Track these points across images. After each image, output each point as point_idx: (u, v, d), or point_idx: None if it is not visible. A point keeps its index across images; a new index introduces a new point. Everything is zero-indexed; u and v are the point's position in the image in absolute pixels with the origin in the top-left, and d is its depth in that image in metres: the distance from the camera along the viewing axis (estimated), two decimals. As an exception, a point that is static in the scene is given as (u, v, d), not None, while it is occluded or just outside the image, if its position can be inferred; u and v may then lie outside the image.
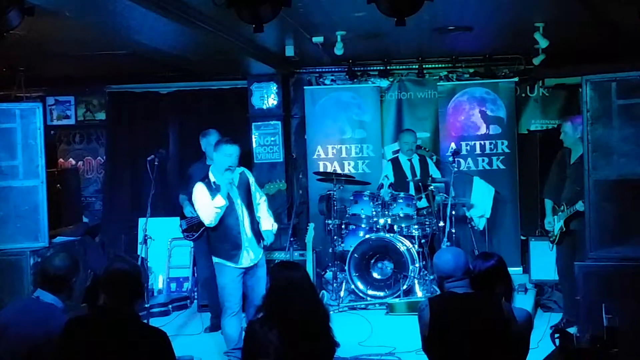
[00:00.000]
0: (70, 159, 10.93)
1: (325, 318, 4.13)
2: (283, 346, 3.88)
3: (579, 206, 6.80)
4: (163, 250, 9.46)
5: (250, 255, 6.45)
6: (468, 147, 9.61)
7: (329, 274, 8.87)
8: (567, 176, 7.30)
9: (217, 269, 6.50)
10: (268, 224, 6.65)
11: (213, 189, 6.34)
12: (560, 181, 7.40)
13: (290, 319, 3.94)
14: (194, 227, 7.83)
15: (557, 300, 8.09)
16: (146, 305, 7.76)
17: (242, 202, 6.47)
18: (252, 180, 6.68)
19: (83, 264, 6.59)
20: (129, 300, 3.97)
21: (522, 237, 9.29)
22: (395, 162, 9.07)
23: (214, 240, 6.52)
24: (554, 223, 7.33)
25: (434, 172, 8.87)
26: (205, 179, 6.46)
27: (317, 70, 10.23)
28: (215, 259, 6.50)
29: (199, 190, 6.41)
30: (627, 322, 4.65)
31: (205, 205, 6.35)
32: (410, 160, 8.97)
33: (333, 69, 10.17)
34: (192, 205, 7.74)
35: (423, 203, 8.78)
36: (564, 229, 7.21)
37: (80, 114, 10.92)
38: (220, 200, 6.26)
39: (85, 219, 10.23)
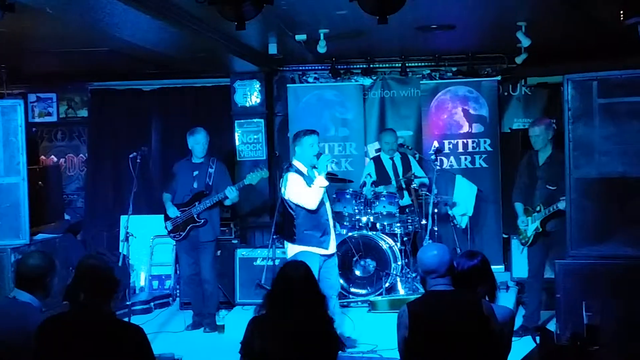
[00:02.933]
0: (52, 156, 10.87)
1: (327, 316, 4.14)
2: (286, 345, 3.90)
3: (561, 205, 6.76)
4: (145, 247, 9.42)
5: (334, 241, 6.68)
6: (451, 146, 9.60)
7: (311, 272, 8.86)
8: (538, 177, 7.31)
9: (303, 259, 6.47)
10: None
11: (305, 176, 6.53)
12: (530, 183, 7.40)
13: (293, 319, 3.95)
14: (179, 227, 7.80)
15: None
16: (128, 303, 7.76)
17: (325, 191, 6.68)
18: None
19: (64, 261, 6.58)
20: (102, 296, 3.95)
21: (504, 235, 9.30)
22: (378, 161, 9.05)
23: (304, 229, 6.55)
24: (529, 224, 7.33)
25: (416, 170, 8.86)
26: (289, 168, 6.64)
27: (301, 68, 10.20)
28: (300, 248, 6.51)
29: (295, 178, 6.53)
30: (607, 319, 4.69)
31: (306, 189, 6.45)
32: (392, 159, 8.95)
33: (316, 67, 10.14)
34: (174, 206, 7.75)
35: (406, 201, 8.79)
36: (540, 229, 7.22)
37: (62, 111, 10.85)
38: (323, 181, 6.42)
39: (67, 217, 10.15)
